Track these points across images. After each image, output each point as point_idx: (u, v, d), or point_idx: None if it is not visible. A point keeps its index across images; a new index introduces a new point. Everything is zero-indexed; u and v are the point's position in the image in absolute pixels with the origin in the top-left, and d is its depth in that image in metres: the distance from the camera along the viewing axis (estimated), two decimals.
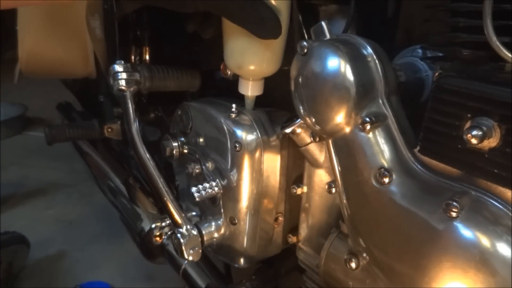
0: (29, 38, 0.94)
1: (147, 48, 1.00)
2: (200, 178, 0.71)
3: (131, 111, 0.66)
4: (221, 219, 0.69)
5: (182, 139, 0.75)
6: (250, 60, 0.61)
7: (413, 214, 0.43)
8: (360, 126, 0.47)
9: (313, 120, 0.51)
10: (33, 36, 0.94)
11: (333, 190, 0.56)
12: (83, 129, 1.15)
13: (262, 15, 0.53)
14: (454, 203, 0.39)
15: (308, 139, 0.59)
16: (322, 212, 0.63)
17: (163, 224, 0.98)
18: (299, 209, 0.67)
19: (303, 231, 0.67)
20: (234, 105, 0.65)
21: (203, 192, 0.66)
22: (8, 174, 1.95)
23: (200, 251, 0.67)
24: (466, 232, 0.39)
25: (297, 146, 0.61)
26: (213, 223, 0.69)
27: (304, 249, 0.68)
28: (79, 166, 1.50)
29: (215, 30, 0.64)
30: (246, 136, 0.63)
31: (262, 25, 0.54)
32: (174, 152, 0.75)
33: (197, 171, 0.70)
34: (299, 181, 0.65)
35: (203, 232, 0.68)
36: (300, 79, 0.51)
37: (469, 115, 0.40)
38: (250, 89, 0.64)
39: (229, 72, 0.68)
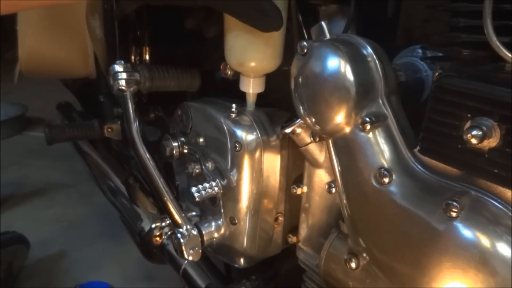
0: (29, 38, 0.94)
1: (147, 48, 1.00)
2: (200, 178, 0.71)
3: (131, 111, 0.66)
4: (221, 219, 0.69)
5: (182, 139, 0.75)
6: (251, 57, 0.61)
7: (413, 214, 0.43)
8: (360, 126, 0.47)
9: (313, 120, 0.51)
10: (33, 36, 0.94)
11: (333, 190, 0.56)
12: (83, 129, 1.15)
13: (263, 7, 0.53)
14: (454, 203, 0.39)
15: (308, 139, 0.59)
16: (322, 212, 0.63)
17: (163, 224, 0.98)
18: (299, 209, 0.67)
19: (303, 231, 0.67)
20: (234, 105, 0.65)
21: (203, 192, 0.66)
22: (8, 174, 1.95)
23: (200, 251, 0.67)
24: (466, 232, 0.39)
25: (297, 146, 0.61)
26: (213, 223, 0.69)
27: (304, 249, 0.68)
28: (79, 166, 1.50)
29: (218, 29, 0.64)
30: (246, 136, 0.63)
31: (263, 17, 0.54)
32: (174, 152, 0.75)
33: (197, 171, 0.70)
34: (299, 181, 0.65)
35: (203, 232, 0.68)
36: (300, 79, 0.51)
37: (469, 115, 0.40)
38: (252, 87, 0.64)
39: (229, 72, 0.68)
